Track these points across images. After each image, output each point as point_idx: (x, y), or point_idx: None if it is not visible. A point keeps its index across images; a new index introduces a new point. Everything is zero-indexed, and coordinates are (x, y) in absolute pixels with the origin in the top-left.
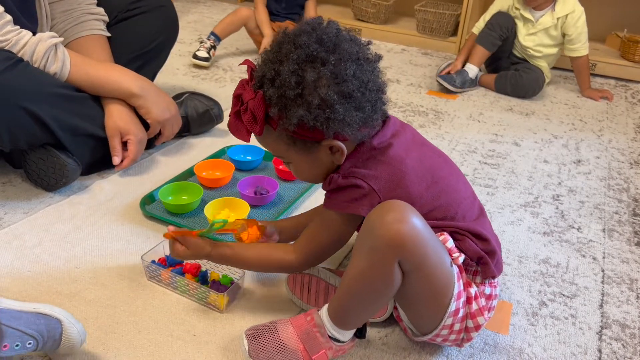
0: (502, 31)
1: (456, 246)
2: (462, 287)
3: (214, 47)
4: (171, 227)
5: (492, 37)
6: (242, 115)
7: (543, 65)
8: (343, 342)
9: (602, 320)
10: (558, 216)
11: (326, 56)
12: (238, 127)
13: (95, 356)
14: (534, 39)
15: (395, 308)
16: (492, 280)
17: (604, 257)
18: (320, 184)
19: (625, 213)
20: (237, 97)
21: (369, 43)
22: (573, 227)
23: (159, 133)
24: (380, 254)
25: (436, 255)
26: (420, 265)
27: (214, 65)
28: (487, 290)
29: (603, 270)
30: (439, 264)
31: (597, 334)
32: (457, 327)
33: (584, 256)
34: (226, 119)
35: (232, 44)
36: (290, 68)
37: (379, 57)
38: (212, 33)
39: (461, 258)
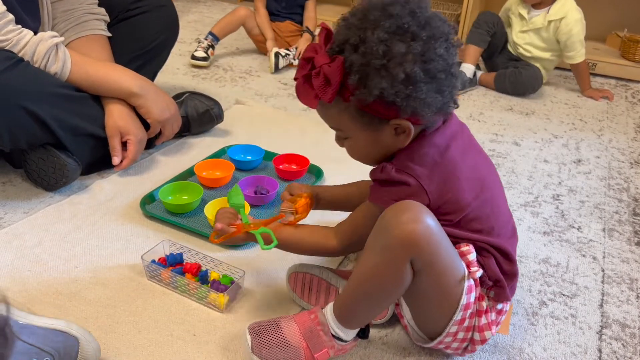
0: (489, 26)
1: (478, 261)
2: (472, 300)
3: (211, 46)
4: (219, 225)
5: (480, 34)
6: (312, 79)
7: (537, 66)
8: (346, 341)
9: (602, 320)
10: (558, 216)
11: (417, 31)
12: (306, 91)
13: None
14: (525, 37)
15: (397, 305)
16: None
17: (604, 257)
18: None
19: (625, 213)
20: (307, 60)
21: (455, 27)
22: (573, 227)
23: (159, 133)
24: (393, 252)
25: (448, 257)
26: (431, 265)
27: (213, 65)
28: (499, 305)
29: (603, 270)
30: (449, 266)
31: (597, 333)
32: (460, 335)
33: (584, 256)
34: (226, 118)
35: (232, 43)
36: (379, 36)
37: (460, 44)
38: (210, 33)
39: (479, 273)
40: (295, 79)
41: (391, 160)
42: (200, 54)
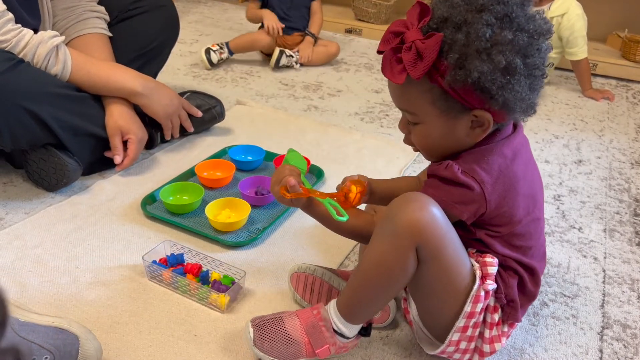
0: None
1: (500, 276)
2: (477, 310)
3: (222, 59)
4: (292, 181)
5: None
6: (403, 53)
7: None
8: (348, 337)
9: (603, 321)
10: (559, 216)
11: (524, 23)
12: (392, 65)
13: None
14: None
15: (404, 299)
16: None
17: (605, 258)
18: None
19: (626, 213)
20: (396, 34)
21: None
22: (574, 227)
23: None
24: (399, 238)
25: (453, 251)
26: (436, 255)
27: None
28: (510, 321)
29: (604, 271)
30: (455, 259)
31: (598, 334)
32: (463, 345)
33: (585, 256)
34: (227, 119)
35: None
36: (487, 20)
37: (551, 47)
38: (227, 46)
39: (491, 286)
40: (378, 51)
41: (455, 159)
42: (215, 58)
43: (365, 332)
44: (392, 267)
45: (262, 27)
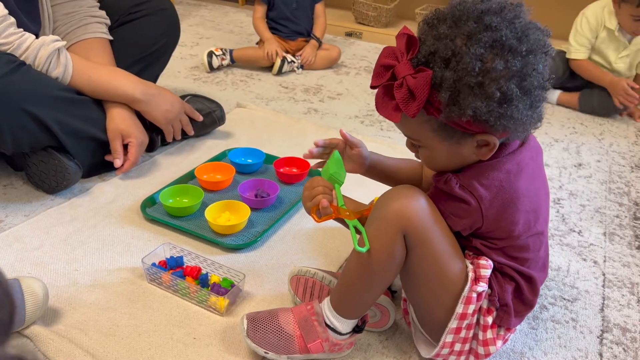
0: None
1: (495, 279)
2: (469, 311)
3: (223, 65)
4: (325, 202)
5: None
6: (395, 90)
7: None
8: (341, 333)
9: (602, 324)
10: (559, 220)
11: (516, 45)
12: (386, 103)
13: (95, 359)
14: (626, 60)
15: (404, 300)
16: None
17: (604, 261)
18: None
19: (626, 217)
20: (387, 68)
21: (549, 34)
22: (574, 231)
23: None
24: (385, 222)
25: (443, 239)
26: (424, 241)
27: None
28: (503, 326)
29: (604, 274)
30: (444, 251)
31: (597, 337)
32: (457, 347)
33: (584, 260)
34: (227, 122)
35: (233, 47)
36: (476, 52)
37: (554, 50)
38: (231, 54)
39: (481, 288)
40: (372, 86)
41: (456, 172)
42: (216, 63)
43: (359, 329)
44: (380, 252)
45: (261, 41)
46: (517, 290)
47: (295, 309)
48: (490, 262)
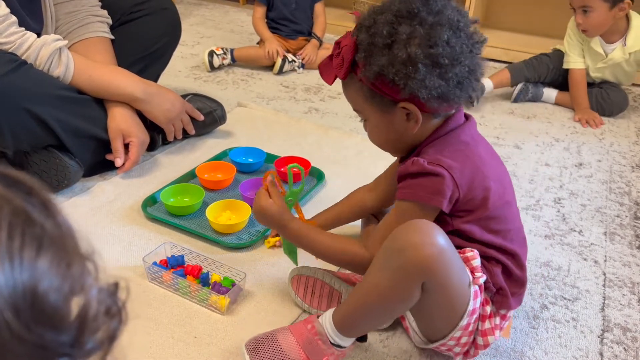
0: (535, 76)
1: (484, 266)
2: (477, 305)
3: (223, 65)
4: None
5: (522, 75)
6: (334, 58)
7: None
8: (344, 347)
9: (603, 324)
10: (559, 219)
11: (425, 16)
12: (326, 68)
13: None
14: (604, 71)
15: None
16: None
17: (605, 261)
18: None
19: (626, 216)
20: (338, 43)
21: (475, 21)
22: (574, 231)
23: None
24: (406, 274)
25: (458, 275)
26: (442, 286)
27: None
28: (503, 310)
29: (604, 274)
30: (459, 283)
31: (598, 337)
32: (464, 339)
33: (585, 259)
34: (228, 121)
35: (234, 46)
36: (387, 18)
37: (484, 39)
38: (232, 54)
39: (482, 279)
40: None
41: (418, 155)
42: (217, 62)
43: (362, 338)
44: (393, 299)
45: (262, 41)
46: (505, 272)
47: (295, 330)
48: (476, 251)
